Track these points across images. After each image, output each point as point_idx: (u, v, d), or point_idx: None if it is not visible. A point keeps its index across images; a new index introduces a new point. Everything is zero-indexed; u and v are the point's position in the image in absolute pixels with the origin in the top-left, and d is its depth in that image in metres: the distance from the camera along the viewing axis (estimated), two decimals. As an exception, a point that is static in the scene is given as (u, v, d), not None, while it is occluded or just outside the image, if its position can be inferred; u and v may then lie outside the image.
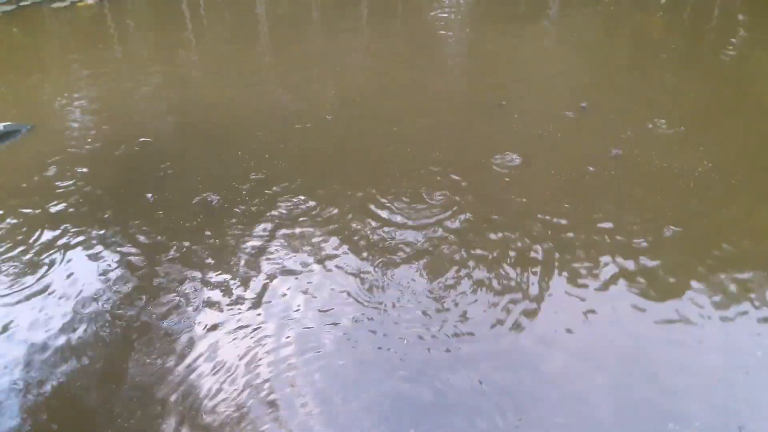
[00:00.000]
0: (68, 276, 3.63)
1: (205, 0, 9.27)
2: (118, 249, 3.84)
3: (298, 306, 3.31)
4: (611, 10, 8.25)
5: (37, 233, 4.03)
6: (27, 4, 9.02)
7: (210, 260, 3.69)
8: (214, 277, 3.56)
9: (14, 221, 4.18)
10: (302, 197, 4.21)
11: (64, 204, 4.32)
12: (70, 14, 8.73)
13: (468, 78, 6.34)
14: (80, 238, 3.96)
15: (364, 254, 3.65)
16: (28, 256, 3.82)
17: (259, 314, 3.27)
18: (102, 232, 4.01)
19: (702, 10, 7.89)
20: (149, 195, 4.34)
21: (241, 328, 3.19)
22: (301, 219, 4.01)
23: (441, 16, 8.14)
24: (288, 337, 3.12)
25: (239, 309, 3.32)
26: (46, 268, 3.71)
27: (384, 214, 4.01)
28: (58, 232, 4.03)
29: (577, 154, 4.57)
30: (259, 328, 3.18)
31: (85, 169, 4.74)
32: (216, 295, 3.43)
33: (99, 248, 3.86)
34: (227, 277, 3.56)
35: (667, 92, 5.65)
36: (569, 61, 6.50)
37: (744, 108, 5.28)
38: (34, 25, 8.48)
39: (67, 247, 3.88)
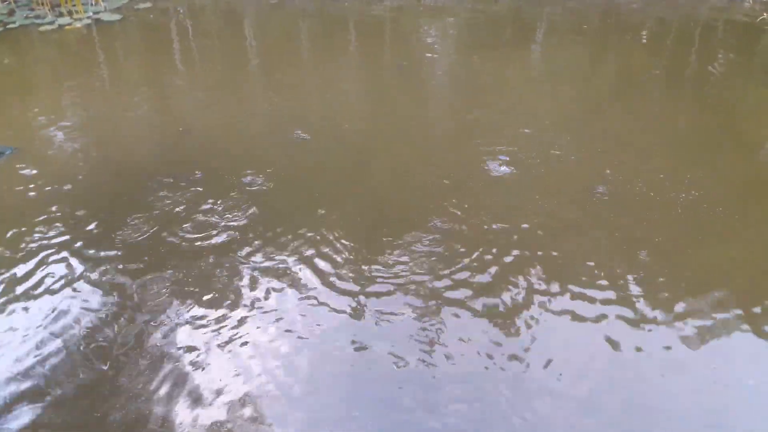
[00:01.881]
0: (48, 301, 3.55)
1: (193, 25, 9.31)
2: (99, 275, 3.77)
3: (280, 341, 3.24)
4: (595, 40, 8.42)
5: (18, 256, 3.93)
6: (15, 26, 8.97)
7: (191, 289, 3.64)
8: (194, 305, 3.52)
9: (-5, 246, 4.08)
10: (280, 243, 4.14)
11: (46, 228, 4.22)
12: (58, 37, 8.70)
13: (453, 107, 6.39)
14: (61, 263, 3.88)
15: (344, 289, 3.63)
16: (6, 280, 3.72)
17: (229, 351, 3.20)
18: (83, 257, 3.94)
19: (684, 41, 8.09)
20: (133, 222, 4.27)
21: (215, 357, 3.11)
22: (278, 260, 3.98)
23: (429, 43, 8.25)
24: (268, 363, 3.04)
25: (217, 331, 3.26)
26: (24, 291, 3.62)
27: (355, 262, 3.98)
28: (38, 256, 3.94)
29: (559, 184, 4.59)
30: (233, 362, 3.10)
31: (68, 194, 4.66)
32: (195, 322, 3.38)
33: (79, 273, 3.78)
34: (207, 307, 3.52)
35: (652, 120, 5.73)
36: (553, 89, 6.58)
37: (729, 136, 5.36)
38: (22, 47, 8.43)
39: (47, 272, 3.80)
